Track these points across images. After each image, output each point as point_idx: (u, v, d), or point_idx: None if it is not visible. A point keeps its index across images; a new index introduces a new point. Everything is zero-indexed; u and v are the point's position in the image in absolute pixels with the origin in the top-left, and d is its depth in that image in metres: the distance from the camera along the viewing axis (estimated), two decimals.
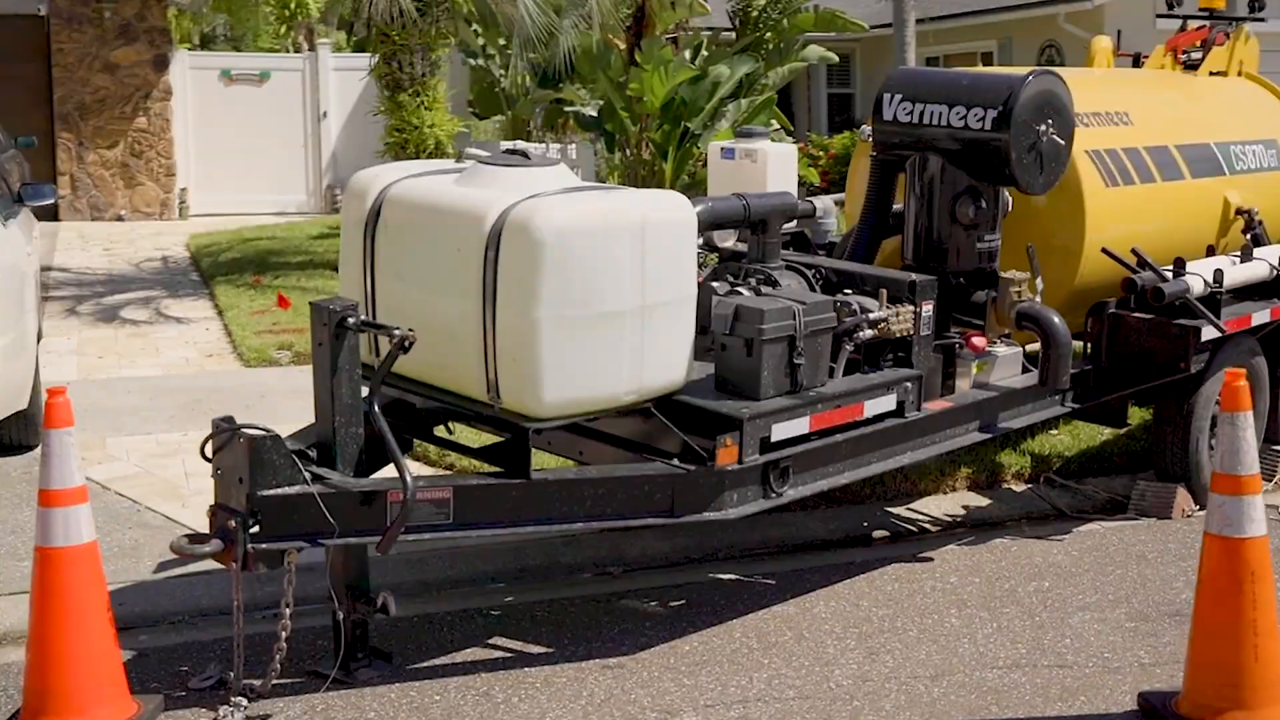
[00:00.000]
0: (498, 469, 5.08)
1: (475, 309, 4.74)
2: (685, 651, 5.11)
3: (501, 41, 16.95)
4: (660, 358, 4.95)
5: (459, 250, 4.79)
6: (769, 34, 15.69)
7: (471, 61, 19.56)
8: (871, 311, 5.49)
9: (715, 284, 5.67)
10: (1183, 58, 8.43)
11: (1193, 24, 8.66)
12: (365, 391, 4.74)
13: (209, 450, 4.59)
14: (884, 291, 5.56)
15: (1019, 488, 7.29)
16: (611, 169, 16.04)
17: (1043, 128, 5.91)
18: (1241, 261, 6.92)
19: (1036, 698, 4.64)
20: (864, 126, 6.51)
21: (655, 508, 4.94)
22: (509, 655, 5.11)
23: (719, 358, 5.21)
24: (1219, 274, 6.51)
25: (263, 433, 4.47)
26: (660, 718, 4.52)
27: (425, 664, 5.02)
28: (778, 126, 15.96)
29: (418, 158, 13.29)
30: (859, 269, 5.92)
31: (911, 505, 7.02)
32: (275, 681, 4.63)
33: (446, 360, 4.89)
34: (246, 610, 4.78)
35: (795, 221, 6.37)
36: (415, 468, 5.98)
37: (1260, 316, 6.86)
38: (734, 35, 16.43)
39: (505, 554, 6.23)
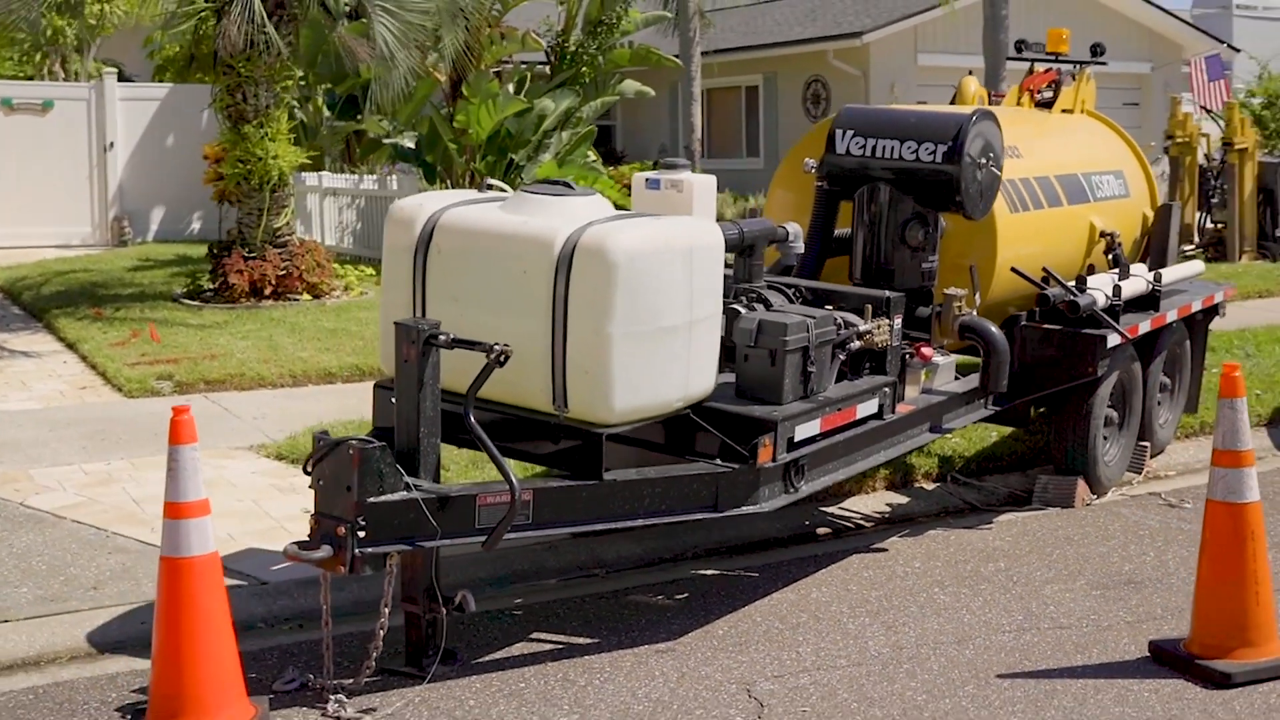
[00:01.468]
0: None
1: (543, 327, 5.14)
2: (721, 634, 5.60)
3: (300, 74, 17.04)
4: (701, 367, 5.45)
5: (525, 272, 5.19)
6: (584, 69, 16.27)
7: None
8: (858, 325, 6.11)
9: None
10: (1038, 97, 9.39)
11: (1040, 67, 9.63)
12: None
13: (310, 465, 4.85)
14: (869, 307, 6.19)
15: (930, 486, 8.02)
16: None
17: (984, 160, 6.66)
18: (1121, 279, 7.83)
19: (1056, 653, 5.33)
20: (808, 160, 7.12)
21: (702, 503, 5.43)
22: (560, 646, 5.49)
23: (741, 368, 5.74)
24: (1118, 289, 7.40)
25: (371, 443, 4.77)
26: (740, 688, 5.00)
27: (487, 658, 5.35)
28: (594, 158, 16.55)
29: (261, 189, 13.36)
30: (834, 287, 6.54)
31: (842, 505, 7.66)
32: (347, 680, 4.93)
33: (507, 374, 5.22)
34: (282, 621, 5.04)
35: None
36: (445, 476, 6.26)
37: (1144, 326, 7.78)
38: (548, 69, 16.95)
39: (492, 561, 6.57)
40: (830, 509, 7.60)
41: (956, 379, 7.14)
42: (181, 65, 21.32)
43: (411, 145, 16.70)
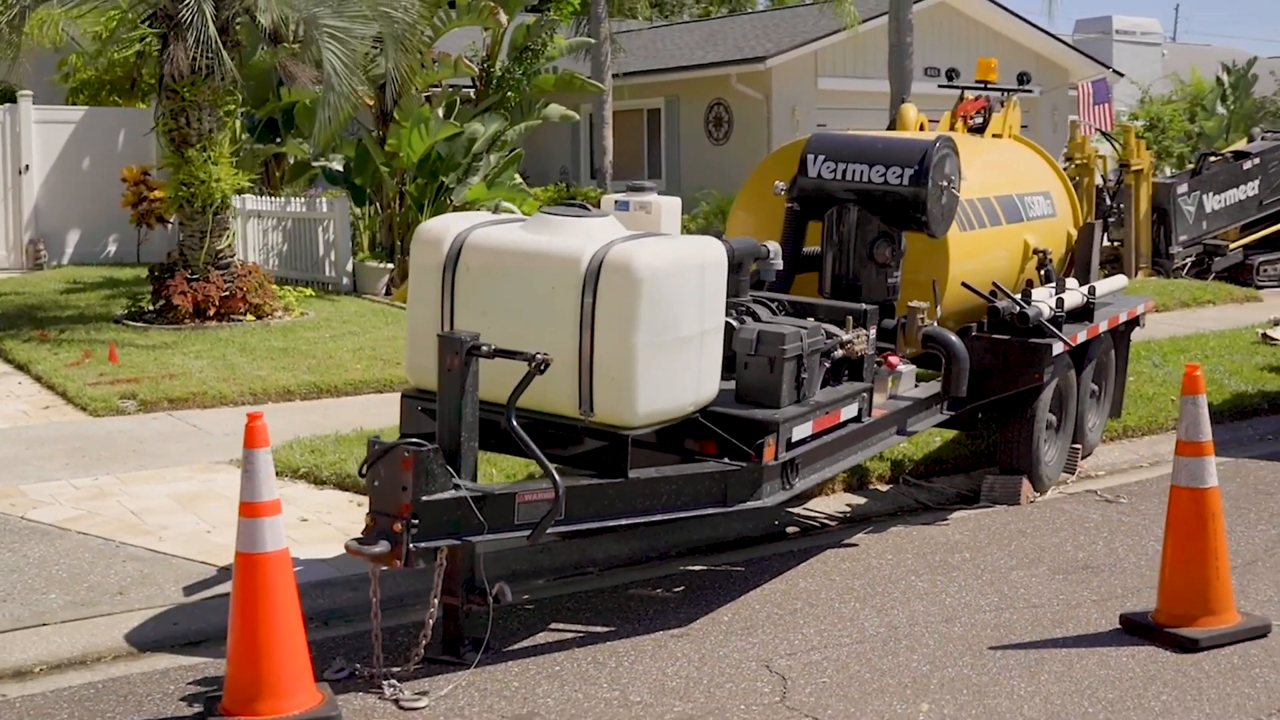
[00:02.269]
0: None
1: (570, 337, 5.60)
2: (726, 620, 6.08)
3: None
4: (709, 374, 5.95)
5: (553, 288, 5.64)
6: (510, 93, 16.71)
7: None
8: (840, 335, 6.65)
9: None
10: (970, 122, 10.05)
11: (970, 94, 10.30)
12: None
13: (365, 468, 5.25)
14: (850, 319, 6.73)
15: (884, 488, 8.58)
16: (370, 220, 16.63)
17: (945, 183, 7.25)
18: (1058, 293, 8.48)
19: (1035, 628, 5.90)
20: (778, 183, 7.66)
21: (712, 499, 5.93)
22: (581, 634, 5.93)
23: (741, 375, 6.24)
24: (1061, 301, 8.04)
25: (423, 446, 5.18)
26: (759, 665, 5.49)
27: (517, 647, 5.78)
28: (519, 180, 16.98)
29: (204, 212, 13.58)
30: (813, 301, 7.08)
31: (806, 506, 8.19)
32: (395, 668, 5.32)
33: (534, 382, 5.69)
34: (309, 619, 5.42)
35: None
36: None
37: (1081, 335, 8.43)
38: (473, 94, 17.36)
39: (493, 562, 6.96)
40: (796, 509, 8.12)
41: (916, 386, 7.71)
42: (96, 88, 21.31)
43: (339, 168, 16.97)
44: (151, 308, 13.91)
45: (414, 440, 5.25)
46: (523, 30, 16.77)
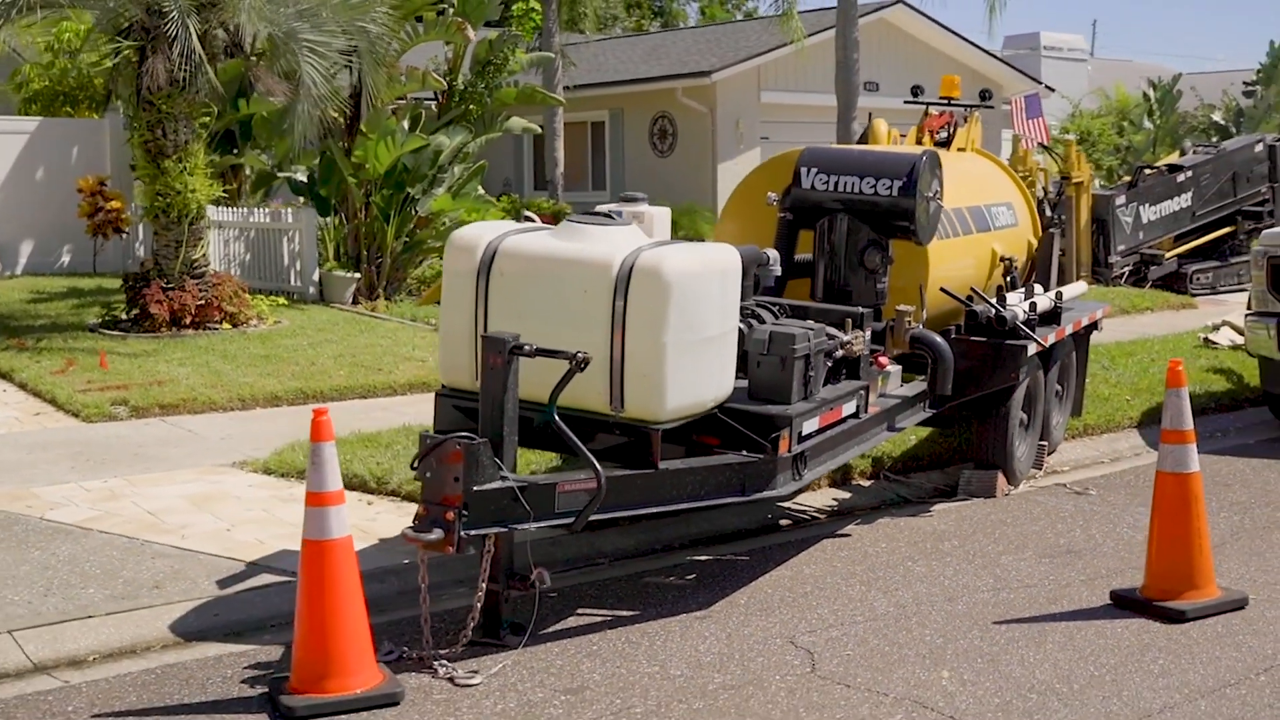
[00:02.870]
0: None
1: (602, 338, 5.98)
2: (743, 604, 6.49)
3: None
4: (728, 372, 6.36)
5: (585, 292, 6.02)
6: (472, 106, 17.06)
7: None
8: (841, 337, 7.09)
9: None
10: (936, 136, 10.55)
11: (935, 110, 10.81)
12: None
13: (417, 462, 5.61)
14: (849, 321, 7.17)
15: (866, 483, 9.03)
16: (336, 230, 16.89)
17: (931, 194, 7.72)
18: (1027, 298, 8.99)
19: (1032, 605, 6.37)
20: (771, 194, 8.10)
21: (732, 489, 6.33)
22: (609, 618, 6.31)
23: (753, 373, 6.65)
24: (1034, 305, 8.54)
25: (473, 439, 5.54)
26: (784, 642, 5.90)
27: (551, 629, 6.14)
28: (482, 192, 17.32)
29: (180, 222, 13.80)
30: (811, 305, 7.51)
31: (795, 501, 8.62)
32: (443, 650, 5.68)
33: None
34: None
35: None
36: None
37: (1050, 338, 8.94)
38: (434, 106, 17.69)
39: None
40: (786, 504, 8.55)
41: (901, 385, 8.16)
42: (49, 99, 21.36)
43: (303, 179, 17.22)
44: (126, 316, 14.09)
45: (465, 434, 5.60)
46: (485, 45, 17.12)
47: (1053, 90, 29.27)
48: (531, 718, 5.15)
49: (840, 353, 7.05)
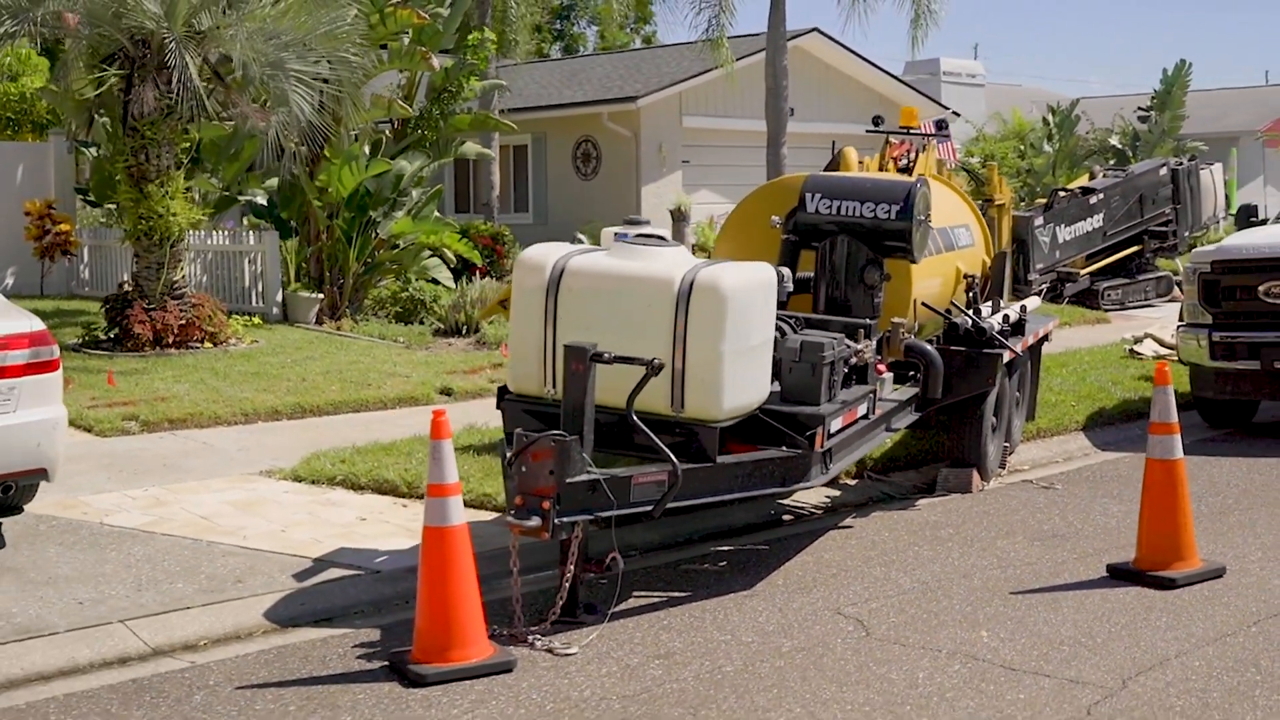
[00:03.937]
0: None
1: (665, 346, 6.74)
2: (780, 584, 7.28)
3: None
4: (767, 376, 7.15)
5: (649, 306, 6.79)
6: (428, 132, 17.72)
7: (89, 151, 20.11)
8: (855, 345, 7.92)
9: None
10: (899, 164, 11.45)
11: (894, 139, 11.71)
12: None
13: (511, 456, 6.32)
14: (861, 331, 8.01)
15: (852, 482, 9.88)
16: (297, 253, 17.41)
17: (922, 217, 8.60)
18: (994, 312, 9.91)
19: (1037, 579, 7.24)
20: (774, 217, 8.92)
21: (774, 481, 7.13)
22: (665, 599, 7.06)
23: (786, 378, 7.45)
24: (1006, 317, 9.46)
25: (566, 436, 6.26)
26: (833, 613, 6.70)
27: (619, 609, 6.87)
28: (438, 215, 17.96)
29: (161, 245, 14.29)
30: (824, 317, 8.33)
31: (791, 498, 9.43)
32: (534, 626, 6.39)
33: (627, 384, 6.79)
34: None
35: None
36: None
37: (1019, 347, 9.87)
38: (388, 132, 18.30)
39: (545, 549, 7.99)
40: (785, 501, 9.35)
41: (894, 390, 9.02)
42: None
43: (264, 202, 17.72)
44: (106, 336, 14.52)
45: (557, 432, 6.32)
46: (441, 74, 17.78)
47: (959, 115, 30.58)
48: (635, 677, 5.88)
49: (854, 360, 7.88)
